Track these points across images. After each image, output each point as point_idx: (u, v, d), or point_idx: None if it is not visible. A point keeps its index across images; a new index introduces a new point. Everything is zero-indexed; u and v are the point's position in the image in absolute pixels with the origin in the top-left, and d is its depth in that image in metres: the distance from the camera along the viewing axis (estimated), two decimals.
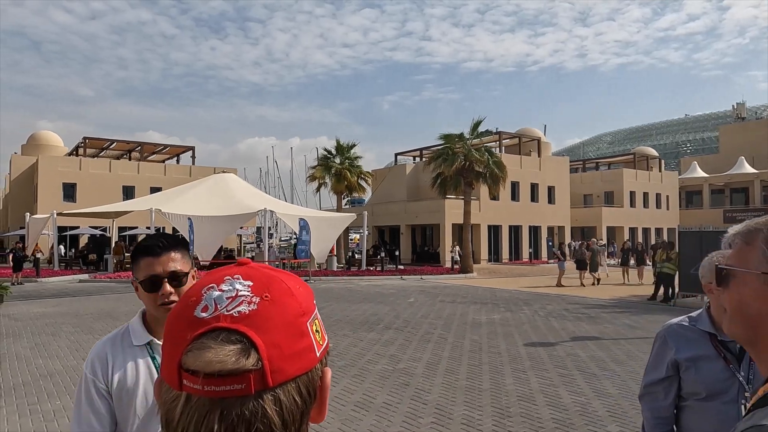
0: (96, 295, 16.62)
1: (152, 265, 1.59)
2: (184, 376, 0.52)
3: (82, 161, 38.67)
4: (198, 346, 0.52)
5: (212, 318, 0.54)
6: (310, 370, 0.55)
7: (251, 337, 0.53)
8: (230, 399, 0.51)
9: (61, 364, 7.70)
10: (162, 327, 1.64)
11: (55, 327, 10.81)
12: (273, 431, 0.52)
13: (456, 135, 25.78)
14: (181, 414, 0.53)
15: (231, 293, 0.56)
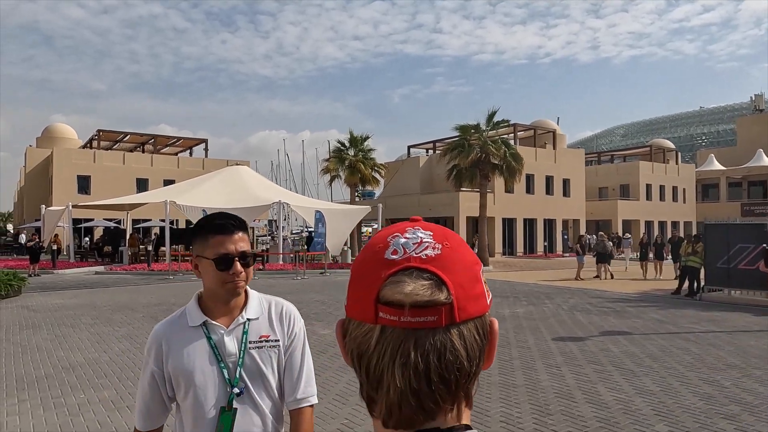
0: (113, 287, 16.57)
1: (224, 243, 1.58)
2: (381, 309, 0.57)
3: (96, 154, 38.77)
4: (395, 281, 0.57)
5: (403, 259, 0.59)
6: (483, 314, 0.60)
7: (440, 275, 0.57)
8: (422, 330, 0.56)
9: (83, 357, 7.58)
10: (220, 307, 1.62)
11: (74, 319, 10.72)
12: (460, 361, 0.57)
13: (472, 126, 25.48)
14: (376, 344, 0.57)
15: (416, 240, 0.60)
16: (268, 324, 1.68)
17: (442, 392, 0.57)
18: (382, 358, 0.57)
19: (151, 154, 41.36)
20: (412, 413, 0.57)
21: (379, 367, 0.58)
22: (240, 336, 1.63)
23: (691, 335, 9.07)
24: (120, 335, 9.06)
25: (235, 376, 1.60)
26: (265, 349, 1.65)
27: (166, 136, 43.59)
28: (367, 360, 0.59)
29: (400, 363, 0.56)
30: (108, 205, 28.44)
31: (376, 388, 0.59)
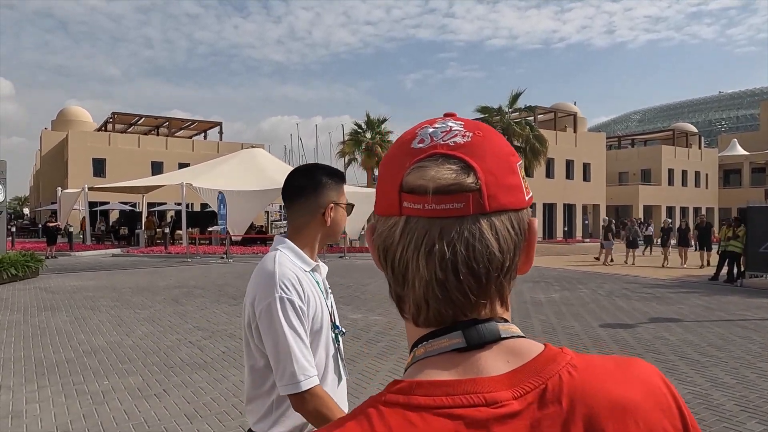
0: (131, 269, 16.24)
1: (344, 193, 1.69)
2: (404, 197, 0.54)
3: (111, 136, 38.52)
4: (419, 167, 0.54)
5: (429, 147, 0.55)
6: (520, 209, 0.55)
7: (468, 161, 0.54)
8: (449, 219, 0.52)
9: (105, 340, 7.17)
10: (312, 252, 1.66)
11: (94, 301, 10.35)
12: (490, 251, 0.53)
13: (494, 108, 24.80)
14: (401, 236, 0.54)
15: (445, 128, 0.57)
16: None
17: (470, 284, 0.53)
18: (406, 250, 0.54)
19: (165, 137, 41.05)
20: (440, 307, 0.54)
21: (404, 260, 0.55)
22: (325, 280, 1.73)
23: (747, 323, 8.48)
24: (142, 318, 8.66)
25: (333, 316, 1.69)
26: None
27: (181, 119, 43.27)
28: (392, 254, 0.56)
29: (424, 253, 0.53)
30: (124, 187, 28.16)
31: (402, 283, 0.56)
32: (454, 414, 0.49)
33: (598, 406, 0.50)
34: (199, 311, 9.26)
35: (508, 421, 0.49)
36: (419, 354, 0.55)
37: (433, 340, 0.54)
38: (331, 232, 1.67)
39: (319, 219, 1.64)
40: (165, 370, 5.78)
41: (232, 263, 18.47)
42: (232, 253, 20.49)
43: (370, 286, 12.56)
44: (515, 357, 0.53)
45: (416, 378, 0.52)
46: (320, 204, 1.63)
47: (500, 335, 0.54)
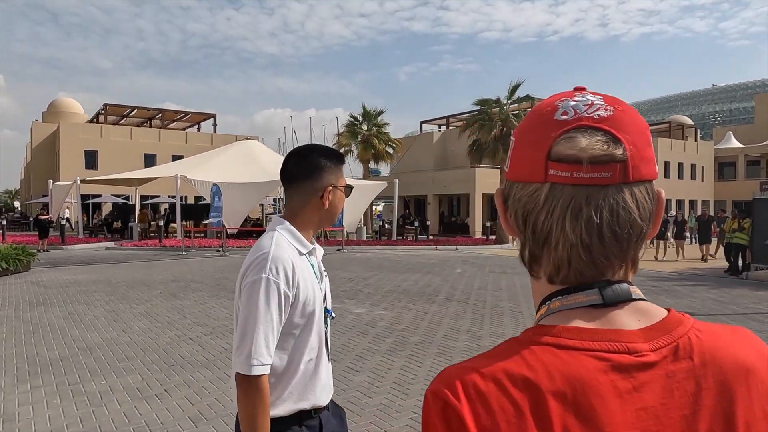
0: (125, 263, 15.89)
1: (343, 175, 1.69)
2: (552, 166, 0.57)
3: (103, 128, 37.97)
4: (568, 137, 0.57)
5: (574, 119, 0.58)
6: (653, 180, 0.59)
7: (615, 133, 0.57)
8: (595, 187, 0.56)
9: (100, 337, 6.86)
10: (309, 234, 1.63)
11: (88, 295, 10.02)
12: (632, 218, 0.57)
13: (492, 100, 24.48)
14: (545, 201, 0.58)
15: (587, 102, 0.59)
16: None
17: (613, 247, 0.57)
18: (551, 214, 0.57)
19: (158, 129, 40.52)
20: (582, 268, 0.58)
21: (548, 224, 0.58)
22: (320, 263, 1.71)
23: (762, 316, 8.29)
24: (138, 313, 8.35)
25: (325, 300, 1.67)
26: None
27: (174, 111, 42.72)
28: (535, 217, 0.59)
29: (570, 218, 0.57)
30: (117, 180, 27.73)
31: (542, 245, 0.59)
32: (600, 356, 0.54)
33: (725, 366, 0.56)
34: (198, 306, 8.96)
35: (647, 369, 0.55)
36: (555, 306, 0.59)
37: (568, 295, 0.59)
38: (328, 215, 1.66)
39: (316, 202, 1.63)
40: (165, 369, 5.49)
41: (229, 256, 18.15)
42: (228, 246, 20.14)
43: (372, 279, 12.28)
44: (644, 317, 0.58)
45: (561, 324, 0.57)
46: (318, 187, 1.62)
47: (631, 296, 0.59)
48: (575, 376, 0.53)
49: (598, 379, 0.53)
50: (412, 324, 7.58)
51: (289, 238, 1.58)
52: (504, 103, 24.40)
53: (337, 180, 1.65)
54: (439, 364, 5.65)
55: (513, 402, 0.53)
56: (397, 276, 12.94)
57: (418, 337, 6.80)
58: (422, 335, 6.92)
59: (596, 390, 0.53)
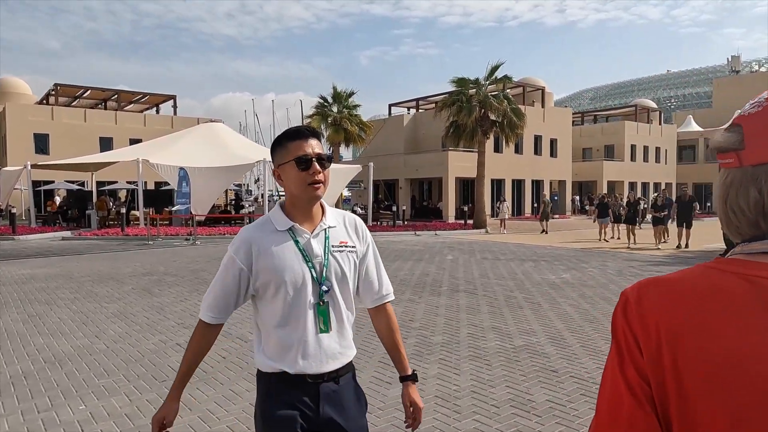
0: (86, 254, 14.58)
1: (301, 147, 1.70)
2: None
3: (54, 110, 35.60)
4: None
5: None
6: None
7: None
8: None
9: (70, 345, 5.84)
10: (302, 212, 1.76)
11: (49, 293, 8.87)
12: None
13: (470, 80, 23.79)
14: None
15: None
16: (345, 232, 1.81)
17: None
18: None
19: (114, 111, 38.31)
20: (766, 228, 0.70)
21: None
22: (323, 240, 1.75)
23: None
24: (111, 314, 7.31)
25: (322, 275, 1.72)
26: (345, 252, 1.77)
27: (131, 92, 40.41)
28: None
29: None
30: (71, 164, 25.93)
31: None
32: (749, 279, 0.67)
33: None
34: (178, 303, 7.96)
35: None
36: (737, 250, 0.72)
37: (749, 243, 0.71)
38: (295, 192, 1.73)
39: (280, 185, 1.77)
40: (156, 386, 4.56)
41: (200, 246, 16.98)
42: (197, 234, 18.91)
43: None
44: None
45: (746, 259, 0.70)
46: (273, 172, 1.80)
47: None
48: (740, 288, 0.67)
49: (751, 292, 0.66)
50: (427, 321, 6.81)
51: (270, 218, 1.76)
52: (483, 83, 23.75)
53: (284, 157, 1.71)
54: (478, 370, 4.90)
55: (680, 302, 0.69)
56: (389, 264, 12.14)
57: (441, 337, 6.04)
58: (444, 334, 6.16)
59: (751, 300, 0.66)
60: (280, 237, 1.70)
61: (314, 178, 1.69)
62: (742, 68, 74.57)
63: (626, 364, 0.71)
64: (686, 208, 16.61)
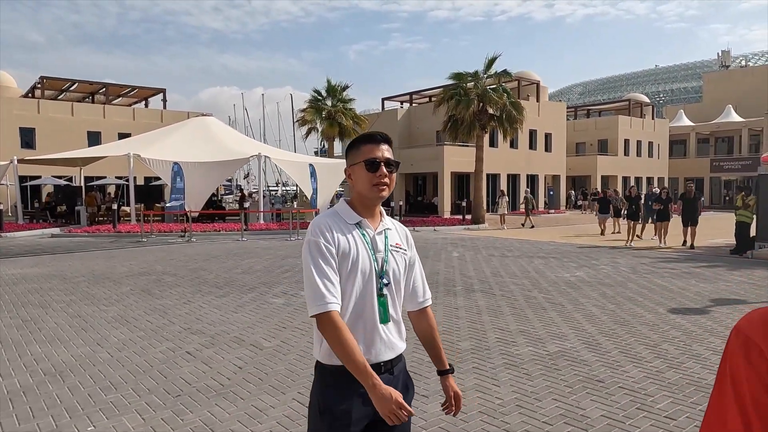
0: (78, 252, 14.06)
1: (373, 150, 1.84)
2: None
3: (40, 104, 34.73)
4: None
5: None
6: None
7: None
8: None
9: (70, 354, 5.41)
10: (367, 210, 1.87)
11: (43, 294, 8.40)
12: None
13: (469, 74, 23.40)
14: None
15: None
16: (398, 236, 1.95)
17: None
18: None
19: (102, 105, 37.50)
20: None
21: None
22: (383, 239, 1.87)
23: None
24: (111, 318, 6.87)
25: (383, 269, 1.83)
26: (401, 254, 1.91)
27: (119, 85, 39.54)
28: None
29: None
30: (59, 159, 25.25)
31: None
32: None
33: None
34: (182, 306, 7.53)
35: None
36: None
37: None
38: (361, 190, 1.85)
39: (350, 183, 1.91)
40: (171, 402, 4.16)
41: (196, 243, 16.50)
42: (192, 231, 18.38)
43: None
44: None
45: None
46: (345, 171, 1.94)
47: None
48: None
49: None
50: (450, 324, 6.44)
51: (337, 211, 1.87)
52: (481, 77, 23.38)
53: (355, 158, 1.85)
54: (518, 381, 4.54)
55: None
56: None
57: (469, 342, 5.68)
58: (471, 339, 5.80)
59: None
60: (350, 228, 1.82)
61: (381, 180, 1.81)
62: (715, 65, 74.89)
63: (755, 426, 0.61)
64: (692, 206, 15.30)
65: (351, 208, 1.86)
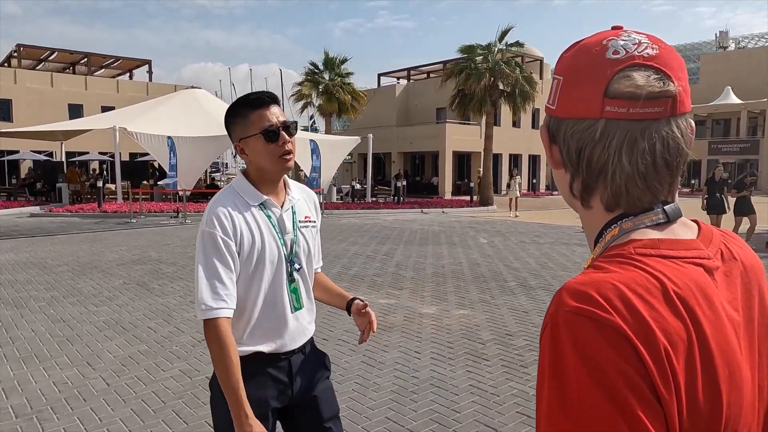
0: (60, 235, 12.58)
1: (265, 116, 1.58)
2: (608, 103, 0.61)
3: (17, 73, 32.63)
4: (624, 75, 0.62)
5: (626, 58, 0.62)
6: (689, 112, 0.64)
7: (665, 71, 0.62)
8: (647, 121, 0.61)
9: (51, 379, 4.07)
10: (271, 185, 1.66)
11: (18, 290, 7.00)
12: (680, 148, 0.63)
13: (481, 46, 21.99)
14: (601, 136, 0.63)
15: (634, 41, 0.64)
16: (306, 206, 1.76)
17: (665, 174, 0.64)
18: (607, 148, 0.63)
19: (84, 76, 35.44)
20: (639, 194, 0.64)
21: (604, 156, 0.63)
22: (291, 215, 1.69)
23: None
24: (102, 324, 5.53)
25: (292, 252, 1.66)
26: (310, 228, 1.74)
27: (102, 55, 37.43)
28: (590, 151, 0.64)
29: (627, 150, 0.62)
30: (38, 132, 23.48)
31: (597, 177, 0.65)
32: (696, 263, 0.62)
33: (753, 265, 0.68)
34: (190, 307, 6.19)
35: (719, 269, 0.64)
36: (627, 226, 0.65)
37: (634, 217, 0.65)
38: (262, 165, 1.62)
39: (244, 159, 1.64)
40: None
41: (190, 224, 15.07)
42: (186, 211, 16.90)
43: (395, 254, 9.78)
44: (690, 230, 0.67)
45: (652, 238, 0.63)
46: (234, 146, 1.65)
47: (681, 213, 0.67)
48: (691, 279, 0.60)
49: (704, 280, 0.61)
50: (527, 331, 5.20)
51: (237, 191, 1.63)
52: (494, 48, 21.97)
53: (247, 130, 1.59)
54: None
55: (653, 308, 0.56)
56: (420, 249, 10.50)
57: None
58: None
59: (707, 288, 0.61)
60: (254, 212, 1.63)
61: (284, 148, 1.60)
62: (711, 47, 74.02)
63: (638, 419, 0.53)
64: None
65: (252, 185, 1.64)
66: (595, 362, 0.53)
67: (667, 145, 0.62)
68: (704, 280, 0.61)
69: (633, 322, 0.55)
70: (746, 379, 0.62)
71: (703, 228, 0.68)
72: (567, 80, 0.66)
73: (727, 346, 0.60)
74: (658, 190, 0.64)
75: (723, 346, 0.59)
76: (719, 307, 0.61)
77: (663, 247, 0.62)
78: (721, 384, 0.58)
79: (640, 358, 0.54)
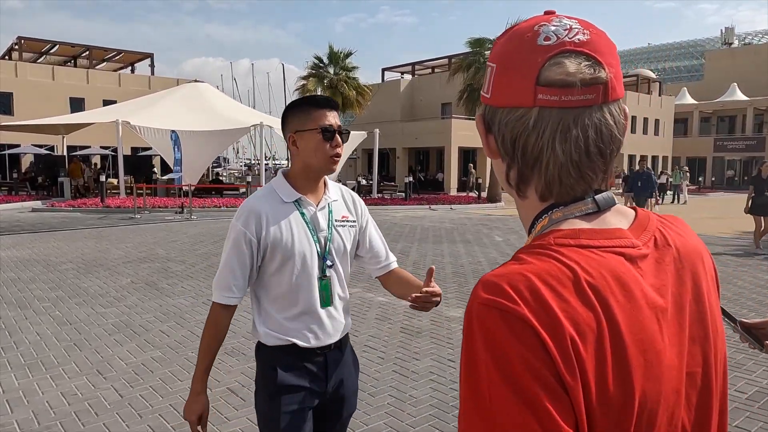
0: (63, 230, 12.26)
1: (325, 116, 1.64)
2: (540, 91, 0.60)
3: (18, 66, 32.25)
4: (555, 62, 0.60)
5: (557, 44, 0.61)
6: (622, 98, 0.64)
7: (596, 57, 0.61)
8: (580, 108, 0.61)
9: (60, 389, 3.76)
10: (311, 183, 1.69)
11: (21, 289, 6.69)
12: (613, 134, 0.63)
13: (490, 41, 21.60)
14: (534, 125, 0.62)
15: (565, 26, 0.62)
16: (345, 206, 1.79)
17: (599, 162, 0.63)
18: (541, 137, 0.62)
19: (86, 70, 35.05)
20: (572, 183, 0.63)
21: (538, 146, 0.62)
22: (327, 214, 1.72)
23: None
24: (111, 327, 5.21)
25: (325, 249, 1.69)
26: (347, 227, 1.77)
27: (104, 48, 37.03)
28: (524, 140, 0.63)
29: (560, 139, 0.61)
30: (40, 126, 23.13)
31: (532, 166, 0.64)
32: (617, 252, 0.62)
33: (689, 251, 0.68)
34: (203, 308, 5.86)
35: (646, 258, 0.64)
36: (557, 216, 0.65)
37: (564, 207, 0.64)
38: (308, 161, 1.65)
39: (293, 150, 1.68)
40: None
41: (196, 220, 14.74)
42: (192, 207, 16.57)
43: (411, 252, 9.47)
44: (624, 217, 0.67)
45: (574, 228, 0.63)
46: (287, 138, 1.69)
47: (615, 202, 0.67)
48: (608, 268, 0.59)
49: (622, 269, 0.60)
50: None
51: (274, 188, 1.69)
52: None
53: (304, 124, 1.63)
54: None
55: (563, 298, 0.56)
56: (435, 248, 10.18)
57: None
58: None
59: (625, 277, 0.60)
60: (287, 209, 1.67)
61: (336, 150, 1.66)
62: (714, 44, 73.52)
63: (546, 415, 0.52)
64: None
65: (289, 184, 1.70)
66: (502, 353, 0.53)
67: (600, 133, 0.61)
68: (623, 268, 0.60)
69: (540, 313, 0.54)
70: (668, 366, 0.61)
71: (639, 215, 0.68)
72: (500, 68, 0.64)
73: (643, 334, 0.59)
74: (591, 179, 0.63)
75: (639, 334, 0.58)
76: (638, 295, 0.60)
77: (583, 237, 0.61)
78: (634, 371, 0.57)
79: (545, 347, 0.53)
